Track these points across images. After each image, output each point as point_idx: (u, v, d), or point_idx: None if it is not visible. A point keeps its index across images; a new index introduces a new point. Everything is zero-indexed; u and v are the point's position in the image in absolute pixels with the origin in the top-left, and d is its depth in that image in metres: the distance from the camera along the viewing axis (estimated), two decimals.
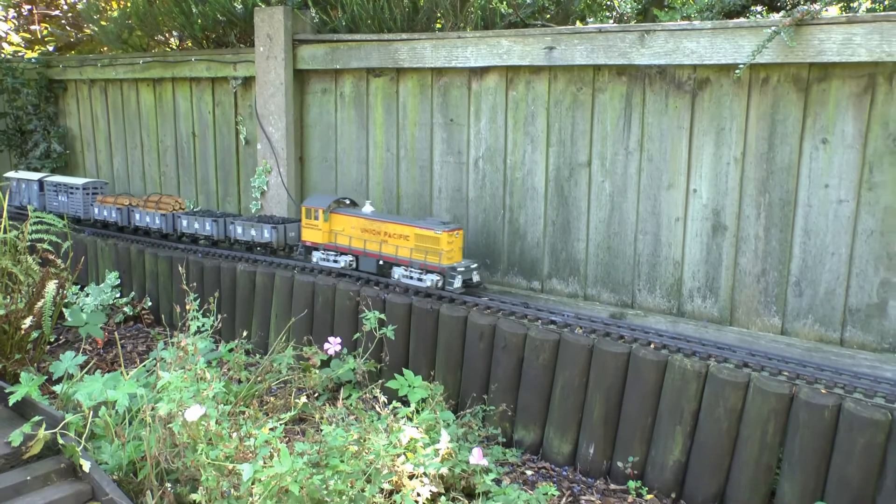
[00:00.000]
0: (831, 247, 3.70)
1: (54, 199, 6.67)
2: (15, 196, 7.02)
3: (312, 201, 4.82)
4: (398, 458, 2.94)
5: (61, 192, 6.57)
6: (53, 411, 3.08)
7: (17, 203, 7.01)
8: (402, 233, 4.41)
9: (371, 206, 4.70)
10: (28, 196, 6.86)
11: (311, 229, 4.83)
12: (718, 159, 3.95)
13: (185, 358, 3.18)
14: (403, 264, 4.42)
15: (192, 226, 5.66)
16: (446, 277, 4.26)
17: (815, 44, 3.51)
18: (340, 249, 4.73)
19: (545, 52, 4.27)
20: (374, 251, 4.57)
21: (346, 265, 4.70)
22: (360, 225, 4.61)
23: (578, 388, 3.72)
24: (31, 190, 6.81)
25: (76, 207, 6.47)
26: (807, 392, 3.14)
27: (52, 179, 6.71)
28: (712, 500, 3.41)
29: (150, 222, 5.93)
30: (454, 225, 4.34)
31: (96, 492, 2.85)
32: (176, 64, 6.22)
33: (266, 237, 5.13)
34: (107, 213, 6.24)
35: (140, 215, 5.99)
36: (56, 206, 6.65)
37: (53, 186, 6.66)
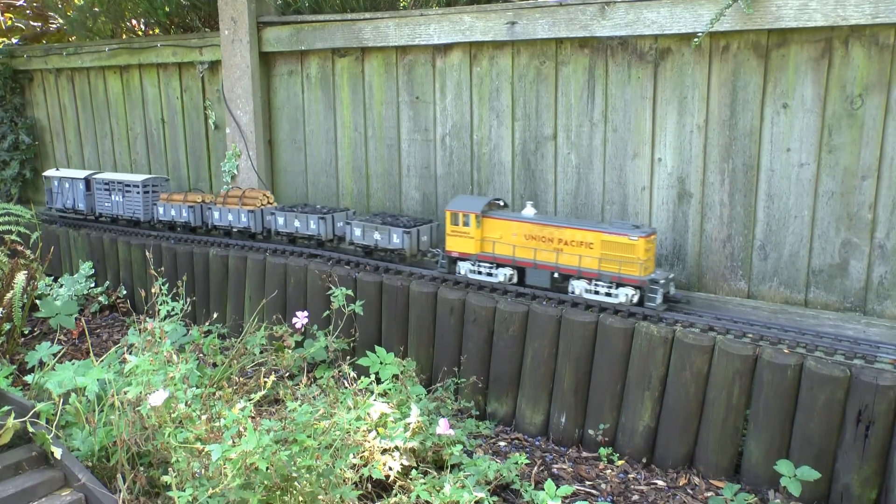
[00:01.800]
0: (794, 210, 3.75)
1: (105, 200, 6.00)
2: (57, 197, 6.34)
3: (460, 203, 4.10)
4: (369, 432, 2.97)
5: (115, 190, 5.90)
6: (23, 400, 3.08)
7: (59, 205, 6.34)
8: (583, 239, 3.76)
9: (532, 207, 4.04)
10: (73, 197, 6.19)
11: (459, 237, 4.11)
12: (682, 128, 3.98)
13: (153, 342, 3.19)
14: (589, 277, 3.76)
15: (290, 224, 4.92)
16: (645, 292, 3.65)
17: (772, 10, 3.54)
18: (499, 260, 4.03)
19: (507, 26, 4.28)
20: (547, 262, 3.88)
21: (506, 279, 4.01)
22: (526, 231, 3.93)
23: (548, 358, 3.76)
24: (76, 190, 6.14)
25: (134, 208, 5.80)
26: (770, 353, 3.20)
27: (102, 177, 6.02)
28: (682, 463, 3.47)
29: (234, 221, 5.19)
30: (648, 228, 3.72)
31: (69, 478, 2.86)
32: (142, 50, 6.17)
33: (396, 243, 4.39)
34: (175, 213, 5.55)
35: (220, 214, 5.27)
36: (108, 208, 6.00)
37: (104, 185, 5.98)
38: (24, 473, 2.85)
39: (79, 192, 6.12)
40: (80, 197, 6.12)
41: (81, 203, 6.11)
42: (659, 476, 3.47)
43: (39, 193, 7.65)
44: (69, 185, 6.19)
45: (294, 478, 2.64)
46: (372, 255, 4.62)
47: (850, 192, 3.60)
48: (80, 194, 6.12)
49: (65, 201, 6.26)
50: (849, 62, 3.51)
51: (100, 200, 6.04)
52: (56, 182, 6.32)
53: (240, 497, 2.56)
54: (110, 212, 5.98)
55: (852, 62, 3.50)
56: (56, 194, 6.33)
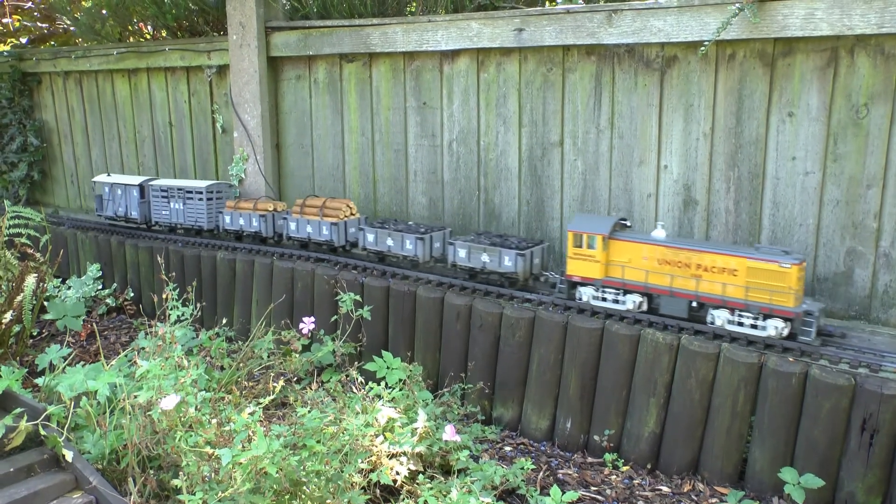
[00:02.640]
0: (799, 218, 3.77)
1: (163, 207, 5.65)
2: (107, 204, 6.01)
3: (584, 224, 3.80)
4: (376, 437, 2.99)
5: (174, 197, 5.55)
6: (35, 403, 3.12)
7: (110, 212, 6.01)
8: (725, 265, 3.46)
9: (662, 228, 3.73)
10: (126, 204, 5.86)
11: (582, 260, 3.79)
12: (688, 135, 4.00)
13: (164, 346, 3.22)
14: (733, 307, 3.45)
15: (381, 241, 4.48)
16: (797, 325, 3.35)
17: (778, 19, 3.56)
18: (628, 286, 3.71)
19: (515, 33, 4.30)
20: (685, 290, 3.58)
21: (635, 307, 3.69)
22: (659, 255, 3.62)
23: (554, 364, 3.78)
24: (130, 197, 5.81)
25: (196, 216, 5.45)
26: (775, 360, 3.22)
27: (159, 183, 5.68)
28: (686, 469, 3.50)
29: (314, 233, 4.80)
30: (798, 254, 3.36)
31: (80, 481, 2.90)
32: (150, 54, 6.21)
33: (507, 266, 4.02)
34: (244, 222, 5.19)
35: (297, 225, 4.89)
36: (166, 216, 5.65)
37: (162, 192, 5.64)
38: (35, 476, 2.88)
39: (132, 199, 5.81)
40: (134, 204, 5.81)
41: (135, 211, 5.81)
42: (663, 482, 3.49)
43: (48, 195, 7.70)
44: (121, 191, 5.86)
45: (303, 482, 2.67)
46: (476, 278, 4.26)
47: (855, 200, 3.62)
48: (133, 201, 5.81)
49: (116, 209, 5.94)
50: (854, 71, 3.53)
51: (156, 208, 5.71)
52: (106, 188, 5.99)
53: (249, 501, 2.59)
54: (168, 220, 5.64)
55: (858, 71, 3.52)
56: (106, 201, 6.00)
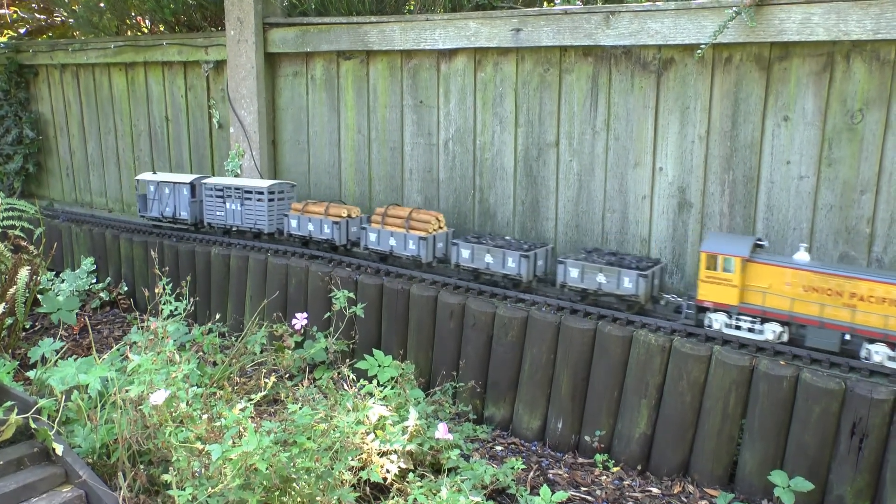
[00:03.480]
0: (793, 222, 3.78)
1: (217, 208, 5.25)
2: (152, 205, 5.62)
3: (719, 244, 3.50)
4: (367, 435, 3.00)
5: (231, 197, 5.14)
6: (26, 396, 3.11)
7: (155, 213, 5.62)
8: (887, 295, 3.13)
9: (805, 251, 3.42)
10: (175, 204, 5.47)
11: (716, 284, 3.48)
12: (683, 137, 4.01)
13: (155, 341, 3.21)
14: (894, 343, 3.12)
15: (478, 258, 4.11)
16: None
17: (775, 23, 3.57)
18: (768, 314, 3.38)
19: (512, 33, 4.30)
20: (838, 321, 3.24)
21: (775, 337, 3.36)
22: (805, 281, 3.30)
23: (546, 364, 3.79)
24: (180, 196, 5.42)
25: (256, 218, 5.04)
26: (766, 364, 3.23)
27: (213, 182, 5.27)
28: (677, 471, 3.51)
29: (399, 246, 4.40)
30: None
31: (70, 474, 2.89)
32: (148, 48, 6.20)
33: (627, 288, 3.70)
34: (314, 228, 4.77)
35: (378, 236, 4.48)
36: (220, 217, 5.24)
37: (216, 191, 5.23)
38: (25, 469, 2.88)
39: (181, 199, 5.42)
40: (184, 204, 5.42)
41: (184, 211, 5.43)
42: (654, 483, 3.50)
43: (43, 188, 7.68)
44: (169, 190, 5.47)
45: (293, 479, 2.67)
46: (586, 299, 3.89)
47: (848, 205, 3.63)
48: (182, 201, 5.42)
49: (162, 209, 5.55)
50: (850, 77, 3.54)
51: (209, 208, 5.31)
52: (152, 187, 5.60)
53: (239, 497, 2.59)
54: (223, 222, 5.24)
55: (853, 77, 3.53)
56: (151, 201, 5.61)
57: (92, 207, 7.18)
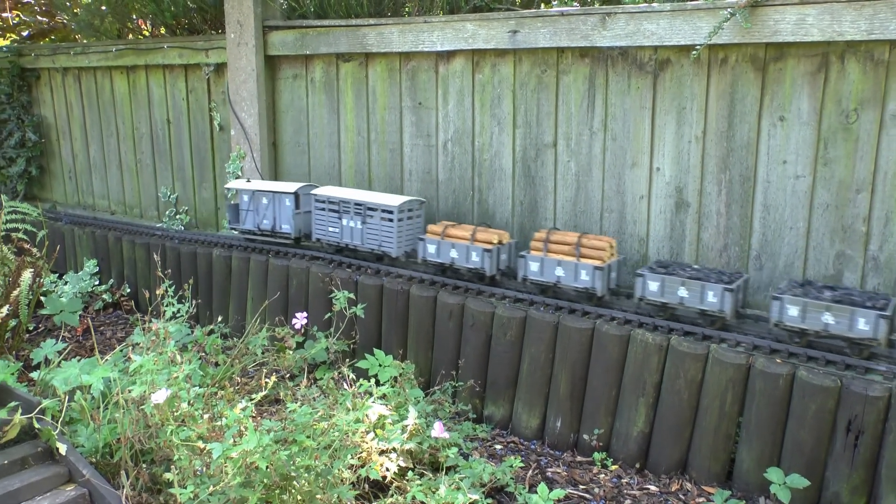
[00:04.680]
0: (790, 221, 3.81)
1: (330, 223, 4.67)
2: (247, 216, 5.07)
3: None
4: (367, 434, 3.03)
5: (349, 214, 4.56)
6: (29, 397, 3.15)
7: (250, 225, 5.07)
8: None
9: None
10: (275, 215, 4.93)
11: None
12: (680, 138, 4.03)
13: (157, 342, 3.25)
14: None
15: (671, 292, 3.62)
16: None
17: (770, 24, 3.60)
18: None
19: (509, 35, 4.34)
20: None
21: None
22: None
23: (545, 363, 3.82)
24: (281, 207, 4.89)
25: (382, 239, 4.46)
26: (762, 362, 3.25)
27: (326, 193, 4.68)
28: (675, 469, 3.53)
29: (567, 278, 3.88)
30: None
31: (73, 474, 2.93)
32: (149, 51, 6.24)
33: (863, 330, 3.15)
34: (457, 255, 4.20)
35: (542, 266, 3.94)
36: (333, 234, 4.67)
37: (330, 204, 4.65)
38: (29, 468, 2.92)
39: (283, 210, 4.88)
40: (286, 216, 4.88)
41: (287, 224, 4.88)
42: (652, 481, 3.53)
43: (45, 191, 7.73)
44: (268, 200, 4.94)
45: (293, 477, 2.71)
46: (803, 340, 3.39)
47: (844, 204, 3.65)
48: (285, 212, 4.87)
49: (259, 221, 5.00)
50: (844, 77, 3.57)
51: (319, 223, 4.74)
52: (246, 196, 5.06)
53: (240, 495, 2.62)
54: (336, 239, 4.68)
55: (848, 77, 3.56)
56: (245, 212, 5.07)
57: (94, 210, 7.22)
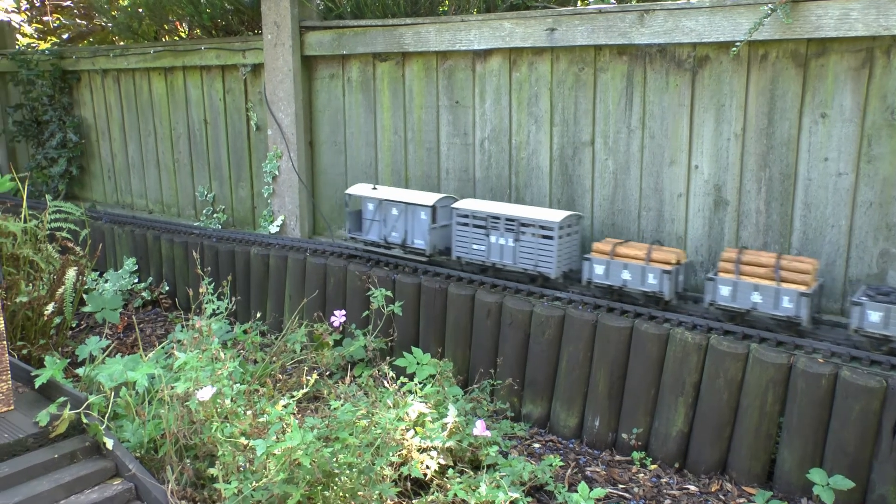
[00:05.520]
0: (831, 219, 3.76)
1: (475, 240, 4.23)
2: (371, 226, 4.66)
3: None
4: (407, 432, 3.05)
5: (496, 229, 4.14)
6: (77, 392, 3.21)
7: (374, 236, 4.67)
8: None
9: None
10: (406, 228, 4.49)
11: None
12: (719, 135, 4.00)
13: (200, 339, 3.30)
14: None
15: None
16: None
17: (812, 19, 3.55)
18: None
19: (547, 33, 4.33)
20: None
21: None
22: None
23: (583, 362, 3.81)
24: (414, 219, 4.45)
25: (538, 258, 4.03)
26: (804, 361, 3.22)
27: (470, 207, 4.25)
28: (714, 469, 3.51)
29: (766, 304, 3.47)
30: None
31: (119, 468, 2.99)
32: (186, 53, 6.32)
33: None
34: (631, 277, 3.79)
35: (735, 290, 3.54)
36: (479, 252, 4.24)
37: (475, 219, 4.23)
38: (78, 462, 2.98)
39: (416, 223, 4.44)
40: (419, 229, 4.44)
41: (420, 238, 4.45)
42: (691, 481, 3.51)
43: (85, 190, 7.86)
44: (399, 211, 4.51)
45: (336, 474, 2.73)
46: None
47: (888, 202, 3.60)
48: (419, 226, 4.43)
49: (386, 233, 4.59)
50: (890, 72, 3.51)
51: (461, 239, 4.30)
52: (371, 205, 4.65)
53: (283, 491, 2.65)
54: (482, 258, 4.25)
55: (893, 72, 3.50)
56: (370, 222, 4.66)
57: (133, 209, 7.34)
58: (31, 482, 2.84)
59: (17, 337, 4.20)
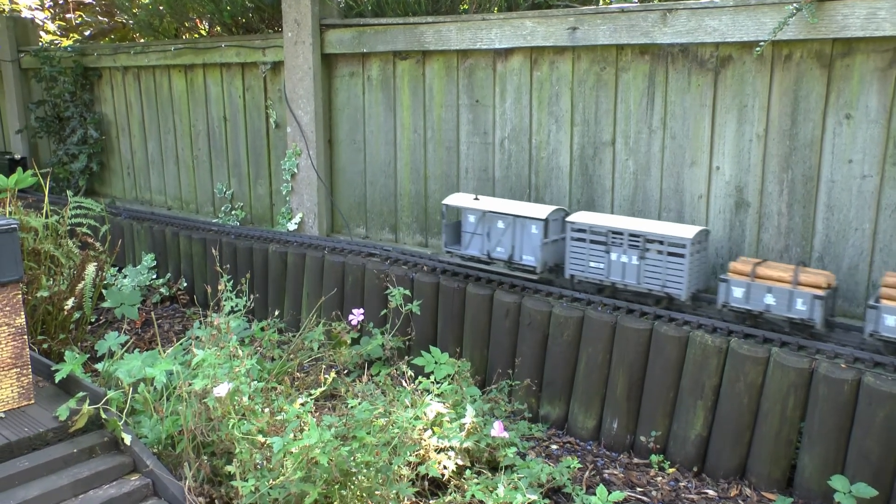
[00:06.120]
0: (854, 222, 3.71)
1: (593, 257, 3.89)
2: (473, 239, 4.28)
3: None
4: (425, 431, 3.04)
5: (621, 246, 3.79)
6: (96, 388, 3.23)
7: (475, 251, 4.29)
8: None
9: None
10: (514, 243, 4.11)
11: None
12: (741, 136, 3.96)
13: (218, 336, 3.30)
14: None
15: None
16: None
17: (838, 19, 3.51)
18: None
19: (568, 32, 4.31)
20: None
21: None
22: None
23: (602, 363, 3.79)
24: (524, 234, 4.07)
25: (667, 278, 3.70)
26: (826, 366, 3.18)
27: (588, 221, 3.92)
28: (733, 474, 3.48)
29: None
30: None
31: (137, 464, 3.00)
32: (206, 50, 6.34)
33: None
34: (774, 302, 3.46)
35: None
36: (597, 270, 3.88)
37: (593, 234, 3.89)
38: (97, 457, 3.00)
39: (527, 238, 4.07)
40: (530, 245, 4.07)
41: (530, 254, 4.07)
42: (710, 486, 3.48)
43: (105, 186, 7.91)
44: (505, 224, 4.15)
45: (353, 472, 2.73)
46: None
47: None
48: (529, 241, 4.07)
49: (490, 247, 4.22)
50: None
51: (577, 256, 3.96)
52: (473, 217, 4.28)
53: (300, 489, 2.65)
54: (600, 276, 3.90)
55: None
56: (471, 235, 4.29)
57: (151, 205, 7.37)
58: (50, 476, 2.86)
59: (37, 331, 4.23)
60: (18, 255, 3.14)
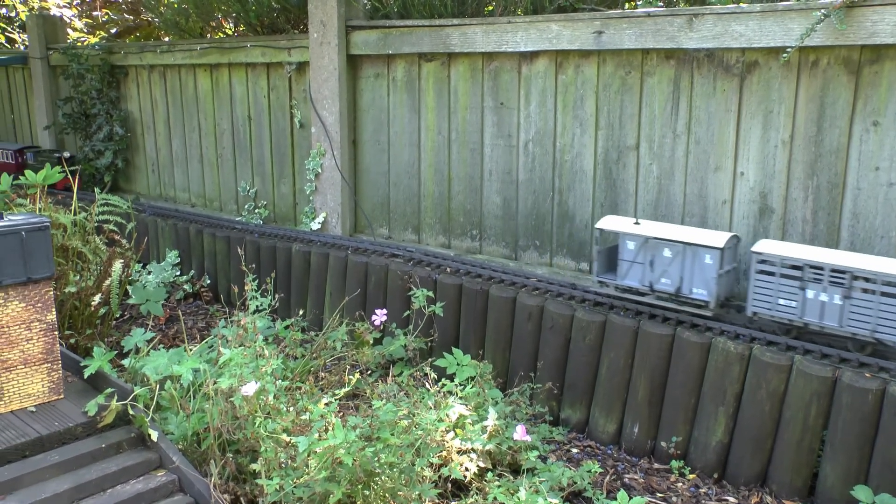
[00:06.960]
0: (880, 230, 3.69)
1: (784, 293, 3.45)
2: (631, 268, 3.87)
3: None
4: (447, 433, 3.06)
5: (820, 282, 3.34)
6: (123, 384, 3.28)
7: (634, 281, 3.87)
8: None
9: None
10: (682, 274, 3.71)
11: None
12: (766, 142, 3.95)
13: (244, 335, 3.34)
14: None
15: None
16: None
17: (867, 25, 3.49)
18: None
19: (594, 36, 4.31)
20: None
21: None
22: None
23: (623, 368, 3.80)
24: (695, 263, 3.67)
25: (879, 321, 3.22)
26: (850, 375, 3.17)
27: (780, 252, 3.48)
28: (754, 481, 3.47)
29: None
30: None
31: (163, 460, 3.04)
32: (232, 50, 6.39)
33: None
34: None
35: None
36: (789, 309, 3.45)
37: (786, 267, 3.44)
38: (124, 453, 3.04)
39: (700, 269, 3.67)
40: (702, 277, 3.67)
41: (702, 288, 3.67)
42: (730, 493, 3.48)
43: (130, 183, 8.00)
44: (673, 252, 3.74)
45: (377, 473, 2.75)
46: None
47: None
48: (701, 272, 3.66)
49: (653, 278, 3.81)
50: None
51: (763, 290, 3.52)
52: (632, 243, 3.87)
53: (324, 489, 2.68)
54: (792, 316, 3.45)
55: None
56: (630, 263, 3.88)
57: (175, 202, 7.45)
58: (79, 470, 2.91)
59: (64, 326, 4.29)
60: (50, 253, 3.19)
